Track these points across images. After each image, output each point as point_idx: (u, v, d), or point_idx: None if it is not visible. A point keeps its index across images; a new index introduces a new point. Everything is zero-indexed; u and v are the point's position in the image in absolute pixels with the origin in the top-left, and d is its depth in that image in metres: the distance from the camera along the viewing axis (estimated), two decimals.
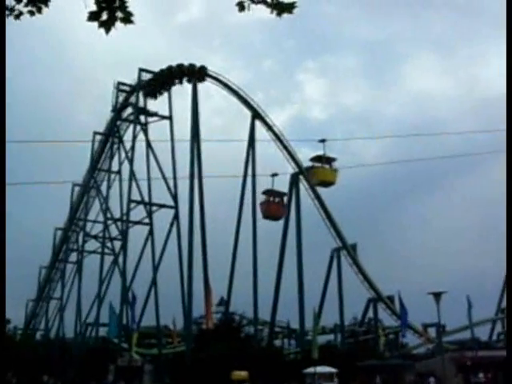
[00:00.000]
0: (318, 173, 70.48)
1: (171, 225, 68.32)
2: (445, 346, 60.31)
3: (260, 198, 70.36)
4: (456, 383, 48.81)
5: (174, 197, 68.73)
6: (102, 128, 75.69)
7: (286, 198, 71.03)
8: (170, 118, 71.00)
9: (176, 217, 68.03)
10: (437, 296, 39.56)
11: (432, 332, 69.89)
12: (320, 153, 70.38)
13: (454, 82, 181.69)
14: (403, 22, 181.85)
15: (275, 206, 71.01)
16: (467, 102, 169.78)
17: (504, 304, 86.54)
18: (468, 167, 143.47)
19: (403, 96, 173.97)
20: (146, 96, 71.37)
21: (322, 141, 70.60)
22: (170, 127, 70.63)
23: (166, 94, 71.91)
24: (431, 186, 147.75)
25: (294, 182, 70.66)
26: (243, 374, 48.36)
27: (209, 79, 71.86)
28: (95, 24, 4.98)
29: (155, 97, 71.52)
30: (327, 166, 71.38)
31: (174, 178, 69.09)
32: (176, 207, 68.44)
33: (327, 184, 71.07)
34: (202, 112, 70.68)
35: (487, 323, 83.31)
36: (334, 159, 72.02)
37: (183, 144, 69.48)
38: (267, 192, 71.34)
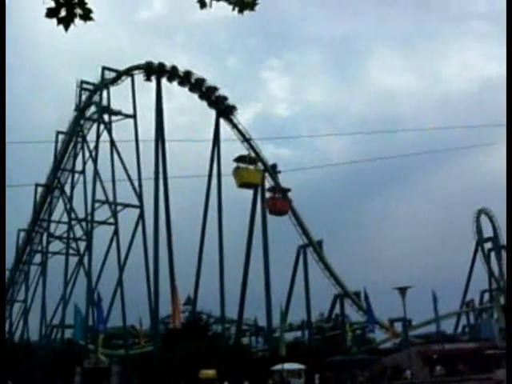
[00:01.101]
0: (241, 174, 69.55)
1: (136, 224, 67.81)
2: (411, 340, 61.19)
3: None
4: (423, 376, 49.48)
5: (139, 196, 68.20)
6: (65, 127, 74.77)
7: (290, 194, 71.66)
8: (134, 116, 70.42)
9: (141, 216, 67.53)
10: (402, 291, 40.02)
11: (398, 326, 70.68)
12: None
13: (416, 78, 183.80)
14: (366, 18, 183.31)
15: (281, 201, 70.97)
16: (429, 98, 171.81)
17: (468, 297, 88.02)
18: (431, 163, 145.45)
19: (367, 93, 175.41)
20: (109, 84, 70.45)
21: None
22: (134, 126, 70.07)
23: (129, 94, 71.38)
24: (396, 183, 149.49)
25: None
26: (211, 372, 48.28)
27: (172, 77, 71.51)
28: (55, 21, 4.89)
29: (116, 81, 70.94)
30: (252, 167, 70.59)
31: (139, 177, 68.56)
32: (141, 207, 67.94)
33: (251, 185, 70.11)
34: (166, 110, 70.38)
35: (452, 317, 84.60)
36: (258, 159, 71.25)
37: (148, 143, 69.06)
38: (272, 189, 71.54)
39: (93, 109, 73.60)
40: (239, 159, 70.35)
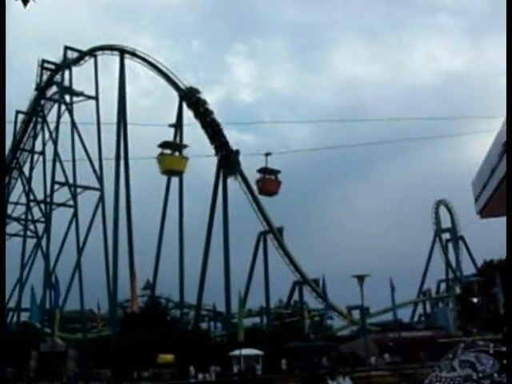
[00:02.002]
0: (165, 160, 67.83)
1: (96, 207, 67.14)
2: (368, 327, 61.89)
3: (255, 175, 71.14)
4: (379, 363, 50.20)
5: (100, 179, 67.48)
6: (25, 107, 73.42)
7: (279, 175, 71.88)
8: (96, 98, 69.45)
9: (101, 199, 66.88)
10: (360, 279, 40.55)
11: (356, 314, 71.41)
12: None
13: (381, 68, 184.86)
14: (333, 6, 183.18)
15: (271, 182, 71.23)
16: (394, 89, 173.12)
17: (426, 287, 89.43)
18: (393, 154, 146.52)
19: (331, 81, 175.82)
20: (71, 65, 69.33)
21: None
22: (96, 108, 69.15)
23: (92, 74, 70.40)
24: (357, 172, 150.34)
25: (221, 165, 70.51)
26: (169, 357, 48.26)
27: (136, 59, 70.77)
28: None
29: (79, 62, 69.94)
30: (177, 154, 69.26)
31: (100, 159, 67.82)
32: (101, 189, 67.25)
33: (175, 173, 68.80)
34: (128, 93, 69.64)
35: (409, 305, 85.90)
36: (185, 146, 69.92)
37: (109, 126, 68.28)
38: (262, 170, 71.42)
39: (54, 89, 72.43)
40: (163, 145, 68.62)
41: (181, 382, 47.81)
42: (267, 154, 71.43)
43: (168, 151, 68.99)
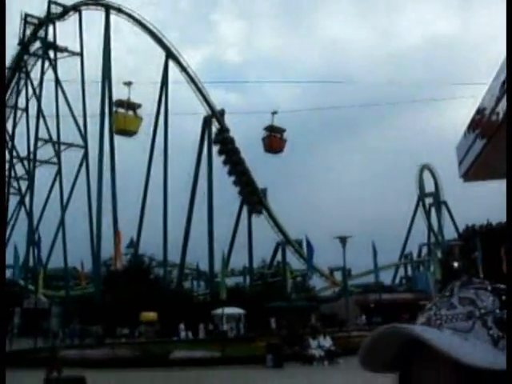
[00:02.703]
0: (118, 120, 65.99)
1: (80, 165, 66.75)
2: (350, 289, 62.49)
3: (262, 133, 71.68)
4: (360, 323, 50.86)
5: (84, 136, 66.94)
6: (7, 62, 72.30)
7: (285, 134, 72.34)
8: (80, 54, 68.46)
9: (85, 157, 66.45)
10: (343, 240, 40.72)
11: (338, 275, 72.08)
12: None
13: (369, 31, 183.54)
14: None
15: (277, 140, 71.57)
16: (381, 52, 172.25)
17: (408, 250, 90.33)
18: (379, 117, 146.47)
19: (319, 43, 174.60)
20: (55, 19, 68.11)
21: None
22: (80, 64, 68.20)
23: (76, 30, 69.25)
24: (343, 134, 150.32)
25: (206, 124, 70.18)
26: (152, 315, 48.57)
27: (121, 15, 69.67)
28: None
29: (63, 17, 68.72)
30: (131, 113, 67.77)
31: (84, 117, 67.20)
32: (86, 147, 66.77)
33: (128, 133, 67.28)
34: (113, 50, 68.68)
35: (391, 268, 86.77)
36: (139, 105, 68.34)
37: (94, 83, 67.43)
38: (269, 128, 71.63)
39: (38, 44, 71.29)
40: (118, 104, 66.98)
41: (165, 339, 48.21)
42: (274, 113, 71.71)
43: (122, 110, 67.22)
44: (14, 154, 71.79)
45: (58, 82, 67.73)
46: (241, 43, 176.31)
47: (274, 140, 71.35)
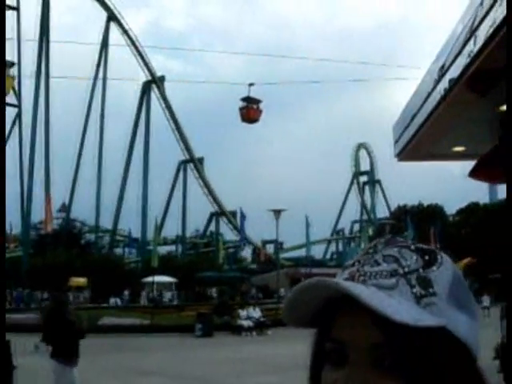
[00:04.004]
0: None
1: (13, 124, 64.84)
2: (281, 262, 63.18)
3: (239, 103, 72.24)
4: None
5: (18, 95, 64.96)
6: None
7: (261, 104, 72.80)
8: (16, 8, 66.04)
9: (19, 116, 64.58)
10: (276, 213, 40.95)
11: (270, 248, 72.74)
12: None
13: (315, 8, 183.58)
14: None
15: (253, 110, 72.38)
16: (327, 29, 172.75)
17: (340, 226, 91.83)
18: (320, 93, 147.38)
19: (265, 15, 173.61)
20: None
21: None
22: (16, 19, 65.82)
23: None
24: (282, 109, 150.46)
25: (145, 90, 69.20)
26: (82, 280, 48.02)
27: None
28: None
29: None
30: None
31: (19, 75, 65.09)
32: (19, 106, 64.85)
33: None
34: (52, 8, 66.55)
35: (322, 243, 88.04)
36: (12, 64, 64.08)
37: (31, 41, 65.29)
38: (246, 99, 72.16)
39: None
40: None
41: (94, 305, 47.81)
42: (250, 85, 72.27)
43: None
44: None
45: None
46: (185, 10, 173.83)
47: (250, 110, 72.25)
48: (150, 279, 46.89)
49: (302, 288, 0.70)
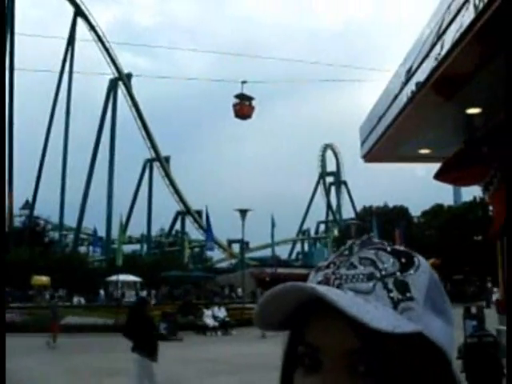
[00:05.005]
0: None
1: None
2: (246, 261, 63.23)
3: (232, 100, 73.52)
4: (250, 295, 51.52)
5: None
6: None
7: (253, 102, 74.00)
8: None
9: None
10: (242, 213, 40.95)
11: (236, 248, 72.72)
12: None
13: (285, 8, 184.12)
14: None
15: (246, 107, 73.60)
16: (295, 30, 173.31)
17: (306, 226, 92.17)
18: (288, 94, 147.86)
19: (235, 15, 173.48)
20: None
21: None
22: None
23: None
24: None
25: (112, 87, 68.62)
26: (44, 279, 47.39)
27: None
28: None
29: None
30: None
31: None
32: None
33: None
34: (18, 2, 65.67)
35: (288, 243, 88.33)
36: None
37: None
38: (239, 96, 73.24)
39: None
40: None
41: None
42: (243, 82, 73.15)
43: None
44: None
45: None
46: (153, 6, 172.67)
47: (243, 107, 73.26)
48: (114, 278, 46.50)
49: (276, 292, 0.68)
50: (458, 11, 5.43)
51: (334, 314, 0.63)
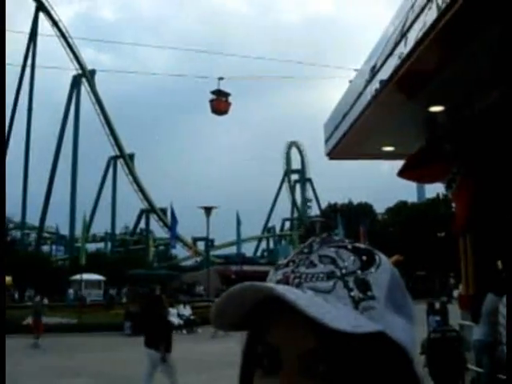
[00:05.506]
0: None
1: None
2: (212, 259, 63.14)
3: (209, 96, 73.49)
4: (215, 294, 51.50)
5: None
6: None
7: (230, 97, 74.23)
8: None
9: None
10: (207, 210, 40.89)
11: (201, 245, 72.53)
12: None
13: (250, 5, 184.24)
14: None
15: (223, 103, 74.03)
16: (260, 26, 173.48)
17: (271, 224, 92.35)
18: (253, 90, 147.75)
19: (197, 10, 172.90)
20: None
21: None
22: None
23: None
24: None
25: (75, 83, 67.82)
26: (7, 279, 46.70)
27: None
28: None
29: None
30: None
31: None
32: None
33: None
34: None
35: (253, 240, 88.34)
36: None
37: None
38: (216, 92, 73.32)
39: None
40: None
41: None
42: (220, 79, 73.38)
43: None
44: None
45: None
46: (117, 2, 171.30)
47: (220, 103, 73.50)
48: (77, 277, 46.01)
49: (234, 292, 0.66)
50: (422, 10, 5.48)
51: (293, 314, 0.61)
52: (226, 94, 75.35)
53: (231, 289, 0.66)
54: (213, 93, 74.18)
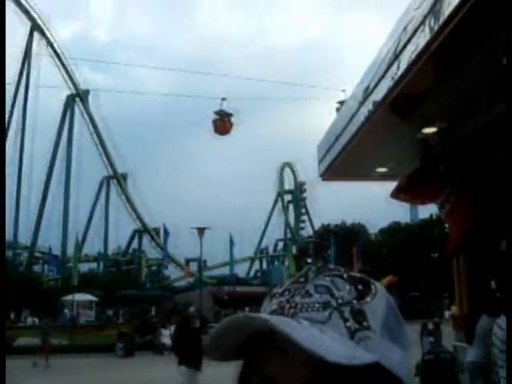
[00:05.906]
0: None
1: None
2: (205, 280, 62.88)
3: (211, 116, 73.39)
4: (213, 315, 51.23)
5: None
6: None
7: (232, 118, 74.06)
8: None
9: None
10: (200, 231, 40.79)
11: (194, 266, 72.25)
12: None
13: (244, 27, 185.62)
14: None
15: (226, 123, 73.78)
16: (253, 48, 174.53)
17: (264, 245, 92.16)
18: (246, 111, 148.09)
19: (193, 32, 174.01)
20: None
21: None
22: None
23: None
24: (207, 125, 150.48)
25: (69, 103, 67.90)
26: None
27: None
28: None
29: None
30: None
31: None
32: None
33: None
34: None
35: (246, 261, 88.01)
36: None
37: None
38: (218, 112, 73.29)
39: None
40: None
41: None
42: (223, 99, 73.88)
43: None
44: None
45: None
46: (112, 23, 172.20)
47: (223, 123, 73.19)
48: (69, 298, 45.71)
49: (228, 324, 0.66)
50: (414, 32, 5.52)
51: (289, 345, 0.61)
52: (229, 115, 75.53)
53: (226, 320, 0.66)
54: (216, 113, 74.64)
